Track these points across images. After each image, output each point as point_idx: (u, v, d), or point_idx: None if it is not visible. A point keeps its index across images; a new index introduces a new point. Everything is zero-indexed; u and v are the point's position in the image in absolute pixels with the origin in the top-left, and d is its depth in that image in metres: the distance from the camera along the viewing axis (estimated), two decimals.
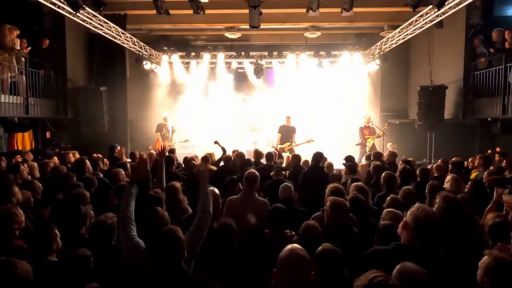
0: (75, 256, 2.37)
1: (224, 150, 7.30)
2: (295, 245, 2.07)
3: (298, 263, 1.94)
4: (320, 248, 2.31)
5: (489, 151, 7.86)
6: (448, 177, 4.66)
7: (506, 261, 2.07)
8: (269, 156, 6.88)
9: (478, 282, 2.15)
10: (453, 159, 6.00)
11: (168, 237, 2.26)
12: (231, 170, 6.04)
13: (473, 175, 6.03)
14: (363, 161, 7.83)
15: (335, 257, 2.25)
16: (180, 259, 2.27)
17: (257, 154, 6.97)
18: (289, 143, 10.25)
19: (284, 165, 7.06)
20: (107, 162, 7.00)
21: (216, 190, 3.59)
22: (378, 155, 7.14)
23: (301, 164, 6.57)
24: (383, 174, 4.80)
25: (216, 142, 7.63)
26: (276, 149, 9.10)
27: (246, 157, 6.99)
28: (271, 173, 5.51)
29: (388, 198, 3.75)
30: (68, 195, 4.00)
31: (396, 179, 4.85)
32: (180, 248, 2.25)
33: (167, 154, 6.67)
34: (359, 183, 4.29)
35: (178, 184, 3.87)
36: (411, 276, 1.81)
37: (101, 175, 5.54)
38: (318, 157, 6.16)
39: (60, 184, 4.65)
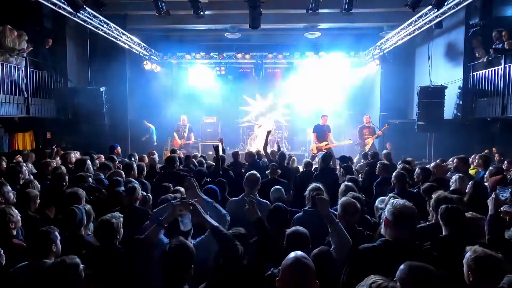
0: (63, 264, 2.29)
1: (216, 150, 7.23)
2: (299, 252, 1.98)
3: (303, 272, 1.89)
4: None
5: (486, 151, 7.87)
6: (455, 177, 4.63)
7: (485, 254, 2.14)
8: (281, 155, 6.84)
9: (466, 280, 2.20)
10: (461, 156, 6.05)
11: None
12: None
13: (473, 172, 6.06)
14: (362, 161, 7.82)
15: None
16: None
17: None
18: (326, 142, 10.15)
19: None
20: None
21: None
22: (375, 155, 7.14)
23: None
24: (394, 173, 4.70)
25: (220, 140, 7.74)
26: (318, 148, 9.87)
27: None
28: (267, 171, 5.37)
29: (387, 198, 3.76)
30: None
31: (406, 177, 4.75)
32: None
33: (169, 154, 6.68)
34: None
35: None
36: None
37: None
38: (327, 158, 6.17)
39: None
